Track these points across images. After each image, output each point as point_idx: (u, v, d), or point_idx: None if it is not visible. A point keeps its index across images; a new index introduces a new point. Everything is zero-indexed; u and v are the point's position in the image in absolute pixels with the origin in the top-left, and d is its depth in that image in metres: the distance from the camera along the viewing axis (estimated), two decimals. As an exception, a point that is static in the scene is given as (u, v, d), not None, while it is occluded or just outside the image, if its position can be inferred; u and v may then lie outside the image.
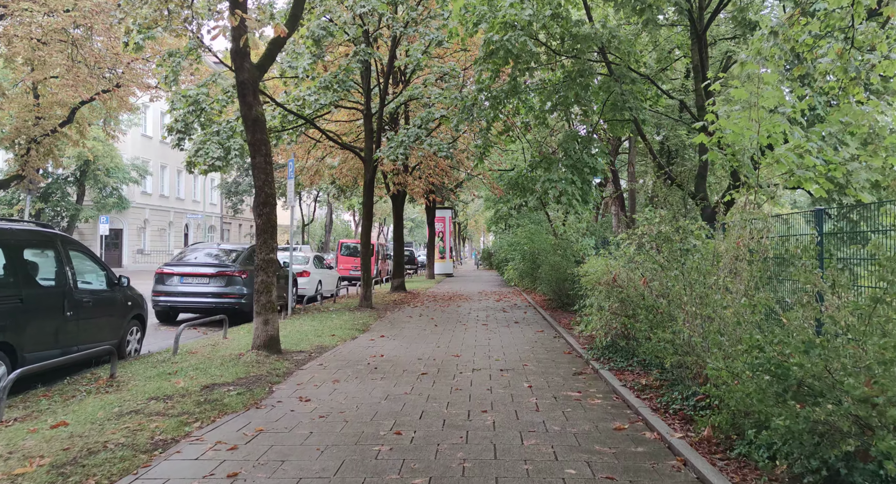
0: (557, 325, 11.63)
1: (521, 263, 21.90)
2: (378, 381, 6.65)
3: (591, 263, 8.54)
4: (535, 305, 16.32)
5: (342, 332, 10.64)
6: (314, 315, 13.40)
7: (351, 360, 7.95)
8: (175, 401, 5.56)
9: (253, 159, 8.01)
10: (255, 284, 8.08)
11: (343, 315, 13.46)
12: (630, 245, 7.36)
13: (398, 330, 11.16)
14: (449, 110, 13.96)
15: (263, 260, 8.03)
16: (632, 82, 11.92)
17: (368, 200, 15.19)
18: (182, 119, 11.97)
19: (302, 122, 15.12)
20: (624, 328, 7.40)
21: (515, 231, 25.57)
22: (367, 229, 15.42)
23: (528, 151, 21.57)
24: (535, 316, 13.71)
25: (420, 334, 10.55)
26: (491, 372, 7.19)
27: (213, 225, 54.75)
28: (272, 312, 8.03)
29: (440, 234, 34.57)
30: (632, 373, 6.88)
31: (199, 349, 8.50)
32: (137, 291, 8.87)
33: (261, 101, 8.04)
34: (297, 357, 8.03)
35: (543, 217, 24.81)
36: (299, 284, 17.81)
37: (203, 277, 12.49)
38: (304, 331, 10.60)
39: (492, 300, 18.24)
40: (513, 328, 11.48)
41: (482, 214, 60.72)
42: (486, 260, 44.87)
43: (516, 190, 16.59)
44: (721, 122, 6.98)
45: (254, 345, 8.02)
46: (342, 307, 15.32)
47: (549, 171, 11.75)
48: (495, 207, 43.48)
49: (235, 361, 7.37)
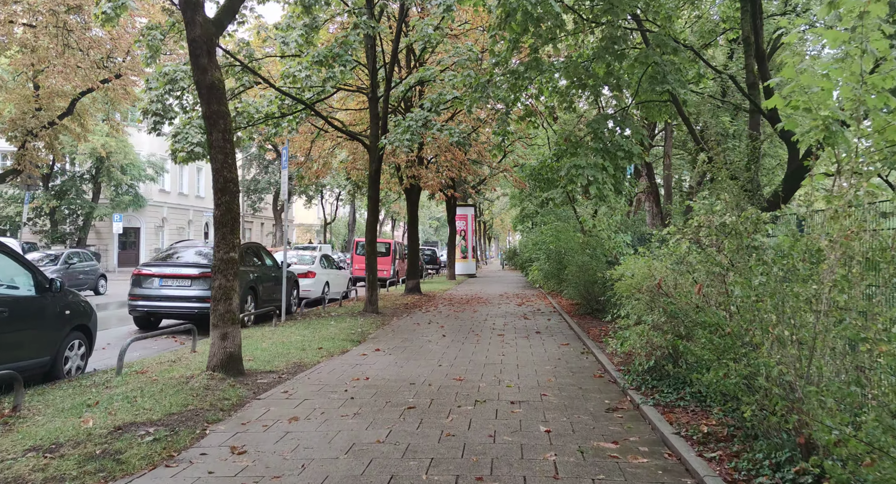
0: (586, 336, 9.95)
1: (545, 263, 20.19)
2: (349, 419, 5.09)
3: (627, 264, 6.86)
4: (561, 310, 14.62)
5: (332, 344, 9.13)
6: (310, 322, 11.94)
7: (327, 384, 6.42)
8: (60, 454, 4.08)
9: (209, 136, 6.54)
10: (212, 289, 6.59)
11: (343, 321, 11.98)
12: (681, 241, 5.68)
13: (399, 341, 9.61)
14: (462, 91, 12.37)
15: (222, 260, 6.55)
16: (673, 51, 10.16)
17: (374, 193, 13.68)
18: (159, 100, 10.59)
19: (301, 107, 13.68)
20: (672, 349, 5.73)
21: (540, 229, 23.84)
22: (372, 226, 13.90)
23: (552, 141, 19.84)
24: (560, 324, 12.03)
25: (422, 348, 8.98)
26: (498, 405, 5.57)
27: (234, 223, 54.03)
28: (232, 325, 6.53)
29: (461, 233, 32.98)
30: (685, 410, 5.20)
31: (152, 368, 7.06)
32: (81, 298, 7.47)
33: (218, 65, 6.56)
34: (261, 380, 6.52)
35: (570, 213, 23.03)
36: (303, 285, 16.42)
37: (184, 279, 11.11)
38: (288, 342, 9.12)
39: (513, 304, 16.59)
40: (533, 340, 9.83)
41: (507, 213, 59.08)
42: (511, 260, 43.13)
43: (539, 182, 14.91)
44: (803, 79, 5.26)
45: (209, 365, 6.54)
46: (346, 312, 13.84)
47: (576, 157, 10.06)
48: (521, 205, 41.81)
49: (180, 387, 5.90)
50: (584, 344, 9.29)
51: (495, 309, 15.20)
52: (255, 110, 13.51)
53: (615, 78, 10.13)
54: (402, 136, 11.87)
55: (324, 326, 11.19)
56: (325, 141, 17.49)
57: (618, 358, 7.72)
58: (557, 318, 13.16)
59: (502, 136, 12.81)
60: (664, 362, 5.97)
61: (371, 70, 13.43)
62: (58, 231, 33.92)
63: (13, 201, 32.50)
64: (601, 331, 10.42)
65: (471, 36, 16.33)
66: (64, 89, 19.73)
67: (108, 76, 19.20)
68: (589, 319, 12.76)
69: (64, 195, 34.00)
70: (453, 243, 29.77)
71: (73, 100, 20.29)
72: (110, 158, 32.91)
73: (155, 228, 41.42)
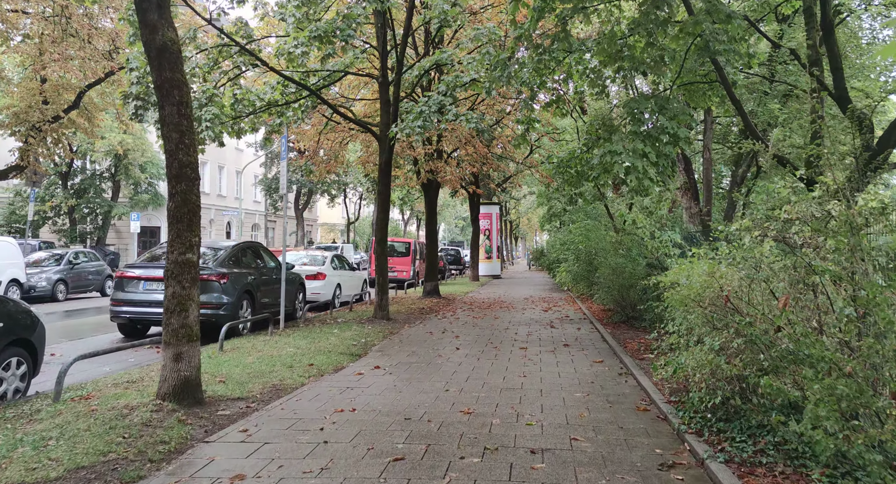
0: (623, 351, 8.53)
1: (574, 264, 18.72)
2: (310, 480, 3.81)
3: (681, 268, 5.43)
4: (592, 317, 13.17)
5: (327, 359, 7.88)
6: (311, 329, 10.74)
7: (302, 419, 5.15)
8: None
9: (161, 110, 5.32)
10: (164, 298, 5.37)
11: (347, 329, 10.75)
12: (759, 240, 4.27)
13: (405, 355, 8.31)
14: (480, 71, 11.06)
15: (176, 263, 5.32)
16: (726, 19, 8.67)
17: (384, 188, 12.41)
18: (140, 81, 9.47)
19: (306, 94, 12.50)
20: (746, 385, 4.33)
21: (568, 228, 22.34)
22: (382, 223, 12.64)
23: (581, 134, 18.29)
24: (592, 334, 10.61)
25: (430, 364, 7.67)
26: (515, 457, 4.23)
27: (257, 223, 53.45)
28: (188, 343, 5.31)
29: (485, 232, 31.59)
30: (770, 472, 3.79)
31: (102, 391, 5.89)
32: (24, 306, 6.34)
33: (172, 23, 5.33)
34: (222, 412, 5.28)
35: (602, 210, 21.50)
36: (311, 288, 15.26)
37: (171, 282, 9.97)
38: (276, 357, 7.90)
39: (538, 309, 15.18)
40: (561, 355, 8.45)
41: (534, 212, 57.44)
42: (538, 260, 41.58)
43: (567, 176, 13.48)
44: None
45: (158, 392, 5.32)
46: (354, 318, 12.62)
47: (611, 142, 8.65)
48: (548, 204, 40.20)
49: (113, 424, 4.68)
50: (621, 362, 7.88)
51: (519, 315, 13.82)
52: (257, 97, 12.39)
53: (658, 49, 8.67)
54: (414, 124, 10.58)
55: (325, 335, 9.97)
56: (336, 133, 16.30)
57: (667, 383, 6.30)
58: (588, 326, 11.74)
59: (526, 124, 11.52)
60: (735, 398, 4.56)
61: (381, 51, 12.17)
62: (76, 230, 33.46)
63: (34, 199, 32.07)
64: (640, 344, 8.99)
65: (494, 16, 14.98)
66: (70, 82, 18.93)
67: (112, 67, 18.32)
68: (624, 327, 11.32)
69: (83, 194, 33.57)
70: (477, 243, 28.40)
71: (79, 92, 19.47)
72: (128, 156, 32.34)
73: (175, 228, 40.89)
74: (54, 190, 32.44)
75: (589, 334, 10.59)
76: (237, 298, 10.40)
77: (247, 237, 50.97)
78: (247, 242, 11.88)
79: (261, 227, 54.19)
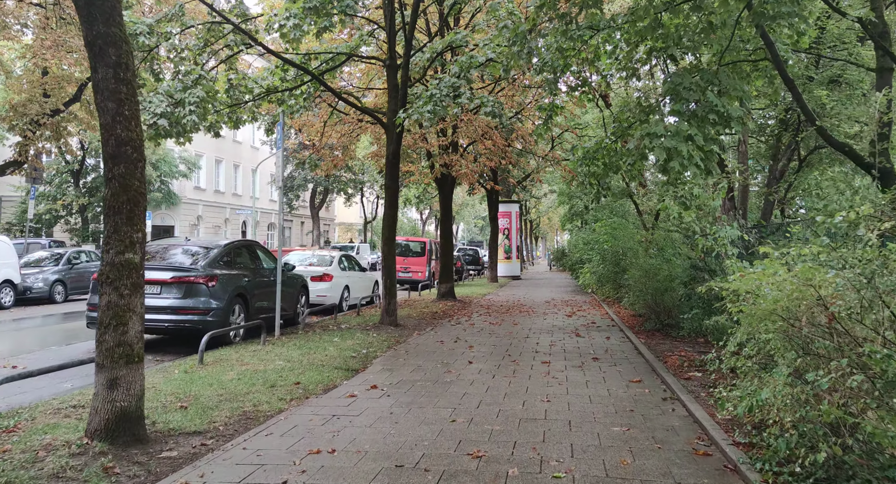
0: (663, 368, 7.30)
1: (599, 265, 17.48)
2: None
3: (762, 273, 4.18)
4: (621, 323, 11.93)
5: (318, 375, 6.79)
6: (309, 337, 9.67)
7: (263, 465, 4.04)
8: None
9: (94, 74, 4.26)
10: (98, 309, 4.30)
11: (350, 337, 9.67)
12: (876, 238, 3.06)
13: (408, 371, 7.19)
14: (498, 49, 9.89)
15: (112, 265, 4.24)
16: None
17: (392, 181, 11.29)
18: None
19: (309, 79, 11.46)
20: (859, 436, 3.12)
21: (592, 226, 21.06)
22: (390, 221, 11.54)
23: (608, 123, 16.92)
24: (624, 345, 9.38)
25: (437, 384, 6.53)
26: (539, 534, 3.08)
27: (273, 222, 52.80)
28: (126, 365, 4.23)
29: (504, 231, 30.38)
30: None
31: (34, 421, 4.84)
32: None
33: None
34: (166, 453, 4.19)
35: (629, 207, 20.20)
36: (317, 290, 14.23)
37: (153, 285, 8.97)
38: (260, 373, 6.83)
39: (561, 315, 13.96)
40: (590, 372, 7.25)
41: (555, 211, 56.01)
42: (560, 261, 40.21)
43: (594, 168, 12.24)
44: None
45: (88, 428, 4.26)
46: (360, 323, 11.54)
47: (648, 124, 7.43)
48: (570, 202, 38.79)
49: (17, 474, 3.62)
50: (663, 382, 6.66)
51: (540, 321, 12.62)
52: (255, 83, 11.38)
53: (706, 13, 7.42)
54: (424, 108, 9.45)
55: (323, 345, 8.89)
56: (344, 124, 15.22)
57: (728, 414, 5.07)
58: (618, 335, 10.50)
59: (549, 111, 10.36)
60: (838, 448, 3.33)
61: (389, 31, 11.06)
62: (88, 229, 32.92)
63: (43, 198, 31.58)
64: (682, 359, 7.75)
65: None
66: (73, 74, 18.13)
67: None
68: (658, 337, 10.07)
69: (95, 192, 33.00)
70: (495, 242, 27.20)
71: (80, 85, 18.65)
72: (139, 154, 31.65)
73: (190, 227, 40.28)
74: (66, 188, 31.90)
75: (620, 345, 9.36)
76: (227, 302, 9.37)
77: (262, 237, 50.28)
78: (242, 241, 10.85)
79: (277, 227, 53.55)
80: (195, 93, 8.43)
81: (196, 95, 8.43)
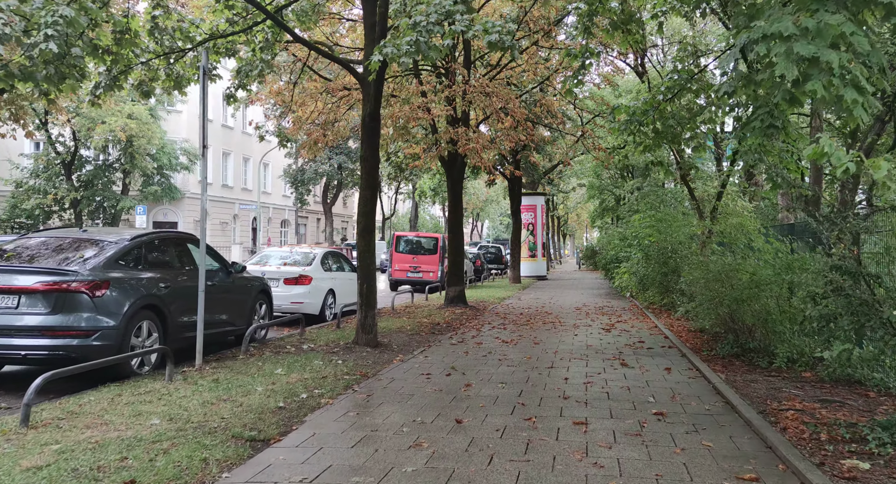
0: (779, 438, 4.29)
1: (641, 264, 14.42)
2: None
3: None
4: (679, 342, 8.89)
5: (194, 454, 3.96)
6: (249, 364, 6.91)
7: None
8: None
9: None
10: None
11: (303, 366, 6.88)
12: None
13: (349, 445, 4.29)
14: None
15: None
16: None
17: (370, 152, 8.41)
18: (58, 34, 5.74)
19: (262, 18, 8.70)
20: None
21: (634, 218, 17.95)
22: (367, 205, 8.65)
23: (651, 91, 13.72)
24: (696, 383, 6.36)
25: (395, 470, 3.66)
26: None
27: (287, 219, 50.46)
28: None
29: (528, 227, 27.35)
30: None
31: None
32: None
33: None
34: None
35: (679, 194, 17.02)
36: (289, 296, 11.52)
37: (6, 295, 6.24)
38: (102, 447, 4.05)
39: (597, 327, 10.93)
40: (657, 450, 4.28)
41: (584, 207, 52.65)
42: (590, 259, 36.93)
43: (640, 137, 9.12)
44: None
45: None
46: (332, 341, 8.77)
47: (754, 28, 4.39)
48: (600, 197, 35.49)
49: None
50: (780, 461, 3.66)
51: (569, 337, 9.63)
52: (192, 25, 8.66)
53: None
54: (403, 41, 6.54)
55: (253, 381, 6.11)
56: (327, 95, 12.38)
57: None
58: (681, 363, 7.47)
59: (583, 57, 7.54)
60: None
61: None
62: (82, 225, 30.77)
63: (34, 192, 29.48)
64: (808, 419, 4.73)
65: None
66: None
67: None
68: (741, 367, 7.05)
69: (90, 185, 30.86)
70: (518, 239, 24.16)
71: None
72: (133, 143, 29.36)
73: (194, 223, 38.02)
74: (58, 181, 29.74)
75: (691, 384, 6.34)
76: (127, 318, 6.58)
77: (275, 235, 47.89)
78: (162, 233, 8.04)
79: (291, 224, 51.14)
80: (60, 11, 5.66)
81: (60, 15, 5.67)
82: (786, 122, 7.23)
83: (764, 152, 7.99)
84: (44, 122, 27.59)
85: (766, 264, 7.38)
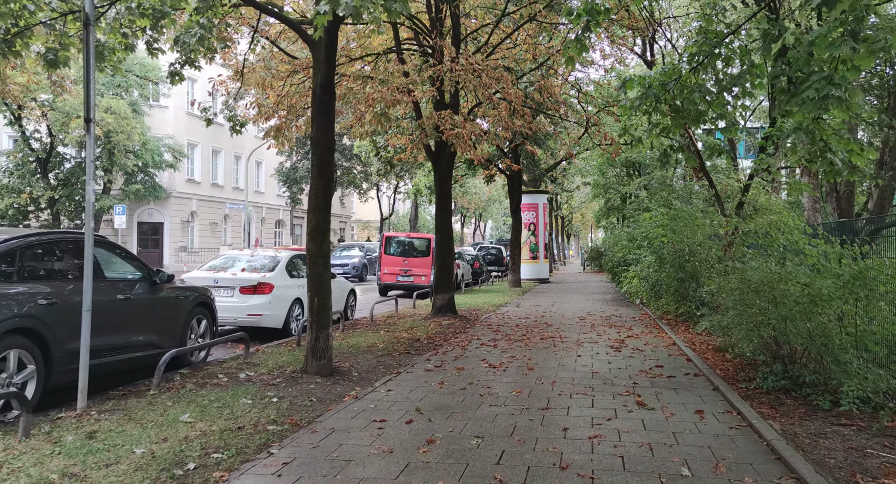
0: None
1: (652, 268, 12.73)
2: None
3: None
4: (706, 367, 7.18)
5: None
6: (153, 405, 5.26)
7: None
8: None
9: None
10: None
11: (221, 410, 5.22)
12: None
13: None
14: None
15: None
16: None
17: (320, 135, 6.72)
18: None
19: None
20: None
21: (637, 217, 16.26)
22: (319, 200, 6.96)
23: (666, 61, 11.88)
24: (743, 439, 4.67)
25: None
26: None
27: (282, 219, 48.87)
28: None
29: (529, 227, 25.66)
30: None
31: None
32: None
33: None
34: None
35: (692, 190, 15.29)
36: (245, 308, 9.89)
37: None
38: None
39: (604, 346, 9.20)
40: None
41: (588, 206, 50.88)
42: (595, 260, 35.18)
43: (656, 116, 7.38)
44: None
45: None
46: (279, 367, 7.10)
47: None
48: (605, 195, 33.72)
49: None
50: None
51: (571, 361, 7.93)
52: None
53: None
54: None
55: (150, 431, 4.49)
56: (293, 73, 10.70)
57: None
58: (716, 403, 5.76)
59: (586, 16, 5.96)
60: None
61: None
62: (59, 226, 29.22)
63: (7, 192, 27.94)
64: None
65: None
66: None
67: None
68: (796, 408, 5.36)
69: (67, 183, 29.28)
70: (518, 240, 22.45)
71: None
72: (111, 139, 27.79)
73: (181, 224, 36.48)
74: (34, 180, 28.19)
75: (734, 438, 4.65)
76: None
77: (269, 236, 46.26)
78: (53, 234, 6.38)
79: (286, 224, 49.57)
80: None
81: None
82: (850, 90, 5.53)
83: (819, 131, 6.32)
84: (17, 117, 26.11)
85: (826, 272, 5.68)
